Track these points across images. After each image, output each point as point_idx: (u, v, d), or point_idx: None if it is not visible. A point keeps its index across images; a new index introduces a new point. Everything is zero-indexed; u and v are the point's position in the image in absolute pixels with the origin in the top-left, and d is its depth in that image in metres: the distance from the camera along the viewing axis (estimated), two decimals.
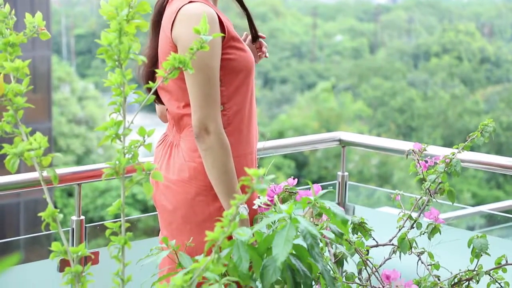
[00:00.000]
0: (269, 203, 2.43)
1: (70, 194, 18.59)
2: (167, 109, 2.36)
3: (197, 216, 2.26)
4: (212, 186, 2.22)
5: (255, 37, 2.50)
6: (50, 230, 2.70)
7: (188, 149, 2.28)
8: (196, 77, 2.18)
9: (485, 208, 3.62)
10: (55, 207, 1.94)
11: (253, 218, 2.35)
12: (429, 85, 28.06)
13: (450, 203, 2.58)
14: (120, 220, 1.89)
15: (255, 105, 2.38)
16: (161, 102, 2.38)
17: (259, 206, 2.46)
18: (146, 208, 17.13)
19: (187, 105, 2.26)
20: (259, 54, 2.54)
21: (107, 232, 1.92)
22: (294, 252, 1.93)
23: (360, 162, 22.88)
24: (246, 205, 2.36)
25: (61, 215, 1.84)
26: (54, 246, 1.83)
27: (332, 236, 2.00)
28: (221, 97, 2.25)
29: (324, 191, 2.07)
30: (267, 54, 2.56)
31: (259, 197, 2.29)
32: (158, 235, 2.44)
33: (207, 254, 2.05)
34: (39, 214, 1.82)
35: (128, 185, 1.92)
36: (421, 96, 27.13)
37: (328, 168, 20.79)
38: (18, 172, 2.37)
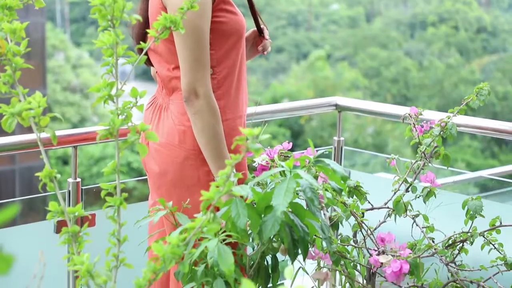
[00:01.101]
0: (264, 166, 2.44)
1: (65, 162, 18.59)
2: (156, 72, 2.35)
3: (186, 180, 2.26)
4: (201, 150, 2.23)
5: (259, 30, 2.48)
6: (47, 192, 2.71)
7: (178, 112, 2.27)
8: (185, 40, 2.17)
9: (482, 173, 3.64)
10: None
11: (243, 183, 2.36)
12: (425, 55, 27.98)
13: (445, 167, 2.59)
14: (115, 182, 1.90)
15: (245, 69, 2.37)
16: (151, 65, 2.37)
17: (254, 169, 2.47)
18: (141, 176, 17.16)
19: (177, 67, 2.25)
20: (258, 48, 2.49)
21: (103, 193, 1.92)
22: (291, 210, 1.94)
23: (355, 131, 22.90)
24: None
25: (58, 175, 1.84)
26: (51, 206, 1.84)
27: (329, 195, 2.01)
28: (210, 60, 2.23)
29: (321, 150, 2.07)
30: (265, 52, 2.51)
31: (253, 162, 2.29)
32: None
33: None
34: (37, 174, 1.82)
35: (123, 146, 1.93)
36: (417, 66, 27.06)
37: (324, 137, 20.80)
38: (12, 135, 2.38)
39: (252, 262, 2.12)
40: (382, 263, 2.08)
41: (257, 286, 2.19)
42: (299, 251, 1.99)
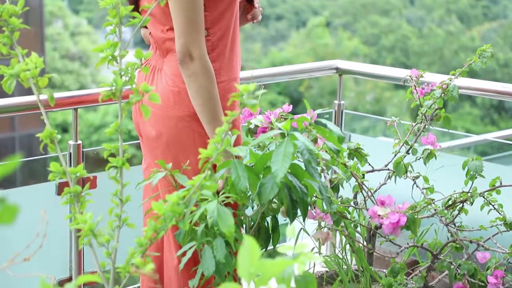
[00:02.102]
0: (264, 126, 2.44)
1: (65, 130, 18.59)
2: (150, 33, 2.34)
3: (181, 142, 2.26)
4: (196, 112, 2.22)
5: None
6: (48, 154, 2.72)
7: (172, 74, 2.26)
8: (180, 2, 2.15)
9: (486, 136, 3.64)
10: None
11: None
12: (425, 22, 27.80)
13: (446, 129, 2.59)
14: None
15: (238, 31, 2.36)
16: (144, 26, 2.36)
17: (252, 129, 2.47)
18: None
19: (171, 29, 2.23)
20: (248, 16, 2.46)
21: (106, 153, 1.93)
22: (290, 171, 1.95)
23: (355, 98, 22.87)
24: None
25: (59, 136, 1.84)
26: (53, 166, 1.84)
27: (328, 157, 2.01)
28: (205, 22, 2.22)
29: (321, 113, 2.07)
30: (255, 20, 2.47)
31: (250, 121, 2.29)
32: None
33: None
34: (38, 135, 1.82)
35: (126, 107, 1.93)
36: (417, 33, 26.90)
37: (323, 105, 20.74)
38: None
39: (252, 223, 2.14)
40: (380, 215, 2.09)
41: None
42: (298, 211, 2.01)
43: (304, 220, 1.98)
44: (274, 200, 2.12)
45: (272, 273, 1.19)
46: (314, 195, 2.23)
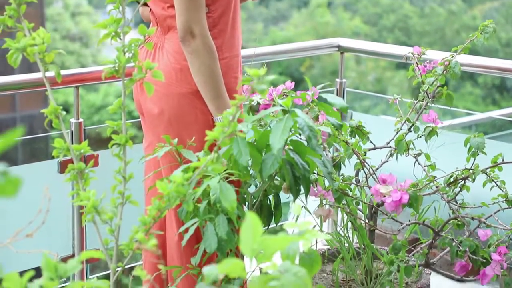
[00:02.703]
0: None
1: (66, 111, 18.58)
2: (150, 10, 2.33)
3: (184, 119, 2.26)
4: (199, 89, 2.22)
5: None
6: (50, 132, 2.71)
7: (174, 51, 2.25)
8: None
9: (486, 115, 3.63)
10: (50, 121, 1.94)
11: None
12: (426, 1, 27.65)
13: (448, 107, 2.59)
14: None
15: (239, 7, 2.35)
16: (145, 4, 2.35)
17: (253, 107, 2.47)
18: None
19: (172, 6, 2.22)
20: None
21: (108, 130, 1.93)
22: (292, 148, 1.95)
23: (356, 78, 22.82)
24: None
25: (64, 112, 1.85)
26: (57, 142, 1.85)
27: (328, 130, 2.01)
28: None
29: (323, 91, 2.07)
30: None
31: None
32: None
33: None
34: (42, 111, 1.82)
35: (129, 84, 1.93)
36: (418, 13, 26.76)
37: (325, 86, 20.69)
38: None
39: (254, 201, 2.14)
40: (382, 193, 2.10)
41: None
42: (301, 188, 2.01)
43: (306, 197, 1.98)
44: (276, 177, 2.13)
45: (275, 250, 1.19)
46: (316, 172, 2.24)
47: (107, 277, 2.82)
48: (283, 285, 1.25)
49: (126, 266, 1.88)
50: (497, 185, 2.12)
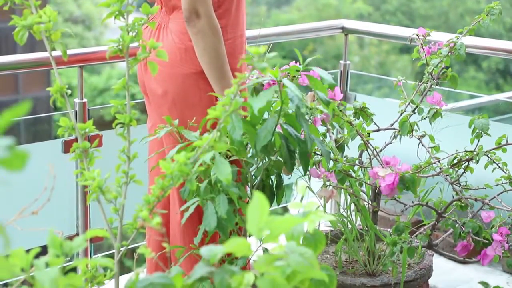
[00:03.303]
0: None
1: (70, 94, 18.56)
2: None
3: (188, 99, 2.26)
4: (204, 70, 2.22)
5: None
6: (55, 112, 2.71)
7: (178, 32, 2.25)
8: None
9: (493, 97, 3.63)
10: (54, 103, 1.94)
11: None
12: None
13: (453, 89, 2.59)
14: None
15: None
16: None
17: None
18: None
19: None
20: None
21: (113, 109, 1.93)
22: (285, 121, 1.96)
23: (359, 63, 22.77)
24: None
25: (69, 91, 1.85)
26: (62, 121, 1.85)
27: (328, 112, 2.01)
28: None
29: (328, 72, 2.07)
30: None
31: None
32: None
33: (201, 133, 2.08)
34: (48, 89, 1.82)
35: (133, 63, 1.92)
36: None
37: (328, 68, 20.64)
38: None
39: (255, 181, 2.15)
40: (381, 176, 2.10)
41: None
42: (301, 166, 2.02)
43: (304, 173, 1.99)
44: (278, 158, 2.13)
45: (282, 230, 1.20)
46: (319, 153, 2.24)
47: (111, 257, 2.83)
48: (290, 266, 1.25)
49: (130, 246, 1.89)
50: (499, 167, 2.12)
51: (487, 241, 2.11)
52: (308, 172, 2.09)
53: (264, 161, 2.10)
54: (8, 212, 2.35)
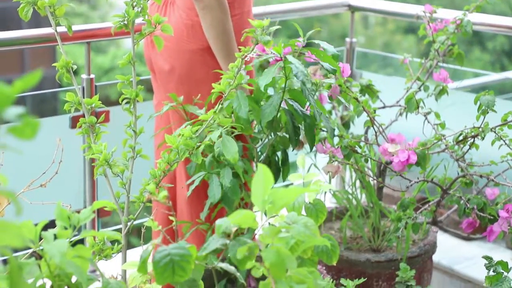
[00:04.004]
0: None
1: (74, 72, 18.55)
2: None
3: (194, 76, 2.27)
4: (210, 46, 2.22)
5: None
6: (61, 87, 2.72)
7: (185, 7, 2.24)
8: None
9: (503, 75, 3.62)
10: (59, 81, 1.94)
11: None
12: None
13: (459, 66, 2.58)
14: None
15: None
16: None
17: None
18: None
19: None
20: None
21: (119, 85, 1.94)
22: (290, 97, 1.97)
23: (365, 44, 22.70)
24: None
25: (75, 66, 1.85)
26: (69, 96, 1.86)
27: (337, 87, 2.02)
28: None
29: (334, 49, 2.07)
30: None
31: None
32: None
33: (208, 109, 2.09)
34: (54, 64, 1.83)
35: (138, 38, 1.93)
36: None
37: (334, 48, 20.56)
38: None
39: (261, 157, 2.16)
40: (390, 153, 2.10)
41: None
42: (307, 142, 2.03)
43: (311, 149, 2.00)
44: (284, 134, 2.14)
45: (285, 201, 1.21)
46: (325, 129, 2.25)
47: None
48: (293, 236, 1.27)
49: (137, 221, 1.90)
50: (505, 143, 2.12)
51: (492, 217, 2.12)
52: (314, 148, 2.10)
53: (270, 137, 2.11)
54: (17, 187, 2.36)
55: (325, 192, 2.72)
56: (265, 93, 2.00)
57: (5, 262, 2.73)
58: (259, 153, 2.18)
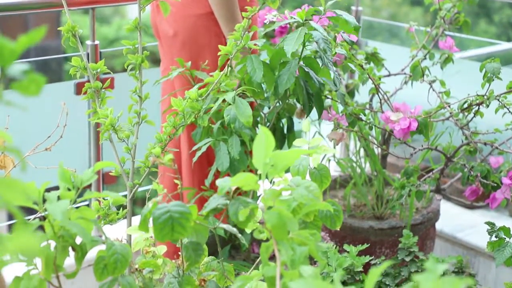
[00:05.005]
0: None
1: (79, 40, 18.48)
2: None
3: (198, 41, 2.28)
4: (213, 11, 2.22)
5: None
6: (66, 54, 2.72)
7: None
8: None
9: (510, 45, 3.60)
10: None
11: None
12: None
13: (465, 34, 2.57)
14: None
15: None
16: None
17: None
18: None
19: None
20: None
21: (125, 50, 1.94)
22: (305, 64, 1.96)
23: (371, 15, 22.58)
24: None
25: (80, 30, 1.85)
26: (74, 61, 1.86)
27: (343, 52, 2.01)
28: None
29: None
30: None
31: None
32: None
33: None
34: (60, 28, 1.83)
35: (145, 4, 1.92)
36: None
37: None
38: None
39: (268, 124, 2.16)
40: (392, 121, 2.10)
41: None
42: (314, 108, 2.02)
43: (319, 117, 2.00)
44: (289, 100, 2.14)
45: (286, 164, 1.21)
46: (330, 97, 2.24)
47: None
48: (295, 198, 1.27)
49: (141, 189, 1.91)
50: (509, 111, 2.12)
51: (495, 185, 2.12)
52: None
53: (277, 104, 2.11)
54: (22, 150, 2.38)
55: (329, 161, 2.73)
56: (277, 60, 1.97)
57: (10, 227, 2.75)
58: (265, 120, 2.18)
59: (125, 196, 1.85)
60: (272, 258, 1.54)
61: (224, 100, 1.90)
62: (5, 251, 0.81)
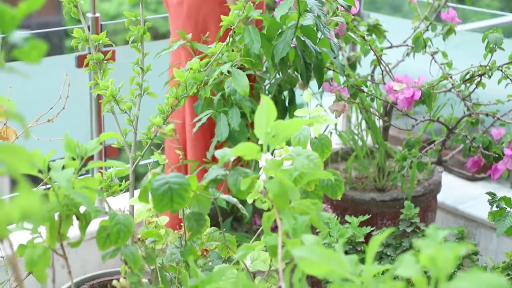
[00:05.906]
0: None
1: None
2: None
3: (202, 10, 2.30)
4: None
5: None
6: (67, 26, 2.71)
7: None
8: None
9: (505, 19, 3.58)
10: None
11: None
12: None
13: (468, 6, 2.56)
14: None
15: None
16: None
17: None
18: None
19: None
20: None
21: (127, 22, 1.93)
22: (302, 34, 1.96)
23: None
24: None
25: (82, 1, 1.85)
26: (76, 32, 1.86)
27: (342, 20, 2.00)
28: None
29: None
30: None
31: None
32: None
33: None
34: (60, 0, 1.82)
35: None
36: None
37: None
38: None
39: (269, 96, 2.16)
40: (395, 91, 2.10)
41: None
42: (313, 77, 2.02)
43: (319, 86, 2.00)
44: (290, 73, 2.13)
45: (287, 133, 1.21)
46: (331, 69, 2.24)
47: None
48: (296, 168, 1.28)
49: (143, 162, 1.91)
50: None
51: (497, 156, 2.12)
52: (321, 89, 2.09)
53: (278, 76, 2.11)
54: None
55: (331, 133, 2.73)
56: (275, 30, 1.98)
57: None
58: (267, 92, 2.18)
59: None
60: (274, 229, 1.55)
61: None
62: (9, 216, 0.81)
